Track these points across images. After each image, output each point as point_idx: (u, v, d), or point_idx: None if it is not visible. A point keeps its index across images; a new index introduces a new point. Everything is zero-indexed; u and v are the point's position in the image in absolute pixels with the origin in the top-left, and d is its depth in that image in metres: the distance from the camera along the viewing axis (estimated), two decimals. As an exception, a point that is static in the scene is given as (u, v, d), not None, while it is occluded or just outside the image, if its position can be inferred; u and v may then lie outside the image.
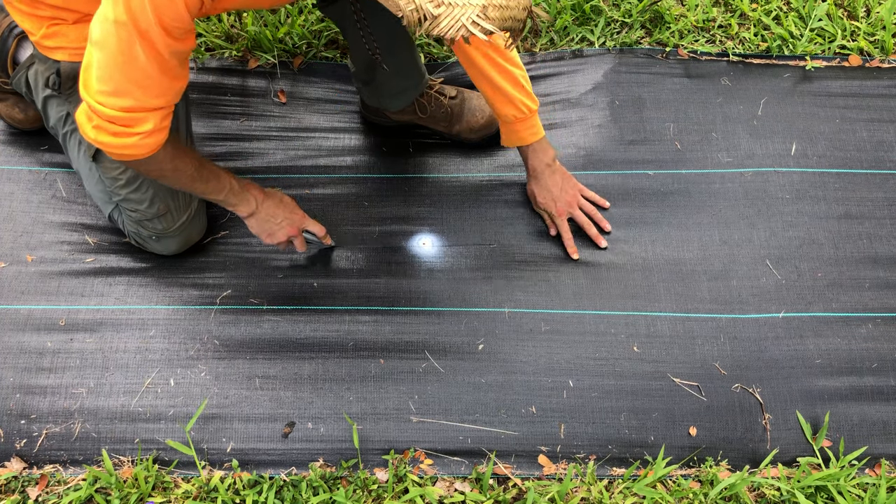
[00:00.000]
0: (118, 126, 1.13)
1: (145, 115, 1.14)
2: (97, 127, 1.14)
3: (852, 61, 1.79)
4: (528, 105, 1.47)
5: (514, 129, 1.50)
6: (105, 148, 1.17)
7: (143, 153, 1.18)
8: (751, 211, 1.60)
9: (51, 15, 1.28)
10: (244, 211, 1.41)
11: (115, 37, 1.04)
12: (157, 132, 1.17)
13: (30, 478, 1.36)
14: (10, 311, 1.48)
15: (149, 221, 1.43)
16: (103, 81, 1.09)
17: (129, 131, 1.14)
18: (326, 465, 1.38)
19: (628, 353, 1.46)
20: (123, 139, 1.14)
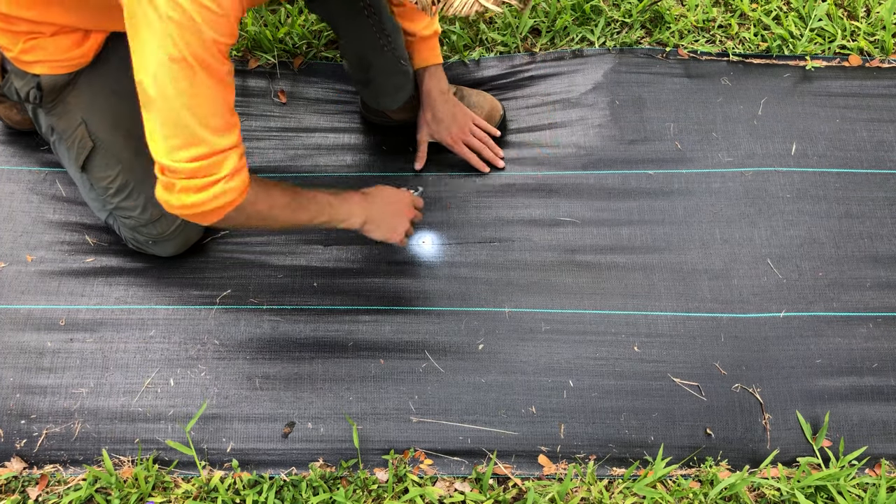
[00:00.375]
0: (200, 179, 1.09)
1: (223, 157, 1.10)
2: (181, 190, 1.10)
3: (852, 61, 1.79)
4: (433, 27, 1.50)
5: (416, 47, 1.52)
6: (198, 210, 1.12)
7: (234, 199, 1.14)
8: (751, 210, 1.60)
9: (28, 29, 1.24)
10: (357, 222, 1.35)
11: (173, 79, 1.01)
12: (238, 172, 1.13)
13: (30, 478, 1.36)
14: (9, 311, 1.48)
15: (143, 227, 1.43)
16: (171, 137, 1.05)
17: (212, 179, 1.10)
18: (326, 465, 1.38)
19: (628, 353, 1.46)
20: (210, 190, 1.10)
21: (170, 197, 1.12)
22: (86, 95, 1.32)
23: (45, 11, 1.21)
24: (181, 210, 1.13)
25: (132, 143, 1.37)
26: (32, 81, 1.29)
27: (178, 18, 0.96)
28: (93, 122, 1.33)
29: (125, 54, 1.32)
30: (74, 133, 1.34)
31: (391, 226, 1.40)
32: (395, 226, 1.40)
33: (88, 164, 1.37)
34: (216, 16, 0.98)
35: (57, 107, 1.32)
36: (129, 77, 1.31)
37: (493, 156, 1.63)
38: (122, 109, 1.35)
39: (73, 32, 1.27)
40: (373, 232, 1.38)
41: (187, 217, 1.15)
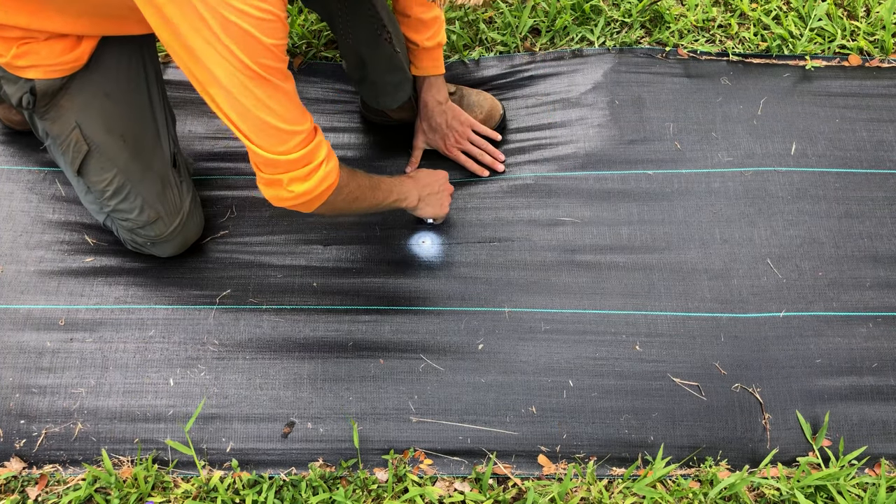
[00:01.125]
0: (304, 167, 1.17)
1: (316, 143, 1.17)
2: (291, 182, 1.17)
3: (852, 61, 1.79)
4: (436, 38, 1.52)
5: (418, 56, 1.54)
6: (309, 197, 1.20)
7: (335, 179, 1.22)
8: (751, 210, 1.60)
9: (20, 35, 1.23)
10: (413, 200, 1.45)
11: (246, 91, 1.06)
12: (331, 154, 1.22)
13: (29, 478, 1.36)
14: (9, 311, 1.48)
15: (141, 229, 1.43)
16: (265, 139, 1.12)
17: (315, 164, 1.18)
18: (326, 464, 1.38)
19: (628, 353, 1.46)
20: (316, 175, 1.18)
21: (279, 191, 1.19)
22: (79, 99, 1.31)
23: (37, 18, 1.20)
24: (294, 201, 1.20)
25: (127, 146, 1.37)
26: (25, 86, 1.29)
27: (237, 34, 0.99)
28: (87, 125, 1.33)
29: (118, 58, 1.33)
30: (69, 137, 1.33)
31: (439, 202, 1.50)
32: (441, 202, 1.50)
33: (84, 168, 1.37)
34: (269, 22, 1.01)
35: (51, 111, 1.31)
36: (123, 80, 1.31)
37: (492, 160, 1.63)
38: (115, 113, 1.34)
39: (66, 37, 1.26)
40: (424, 209, 1.48)
41: (296, 207, 1.22)
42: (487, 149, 1.64)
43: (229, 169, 1.66)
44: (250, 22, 0.99)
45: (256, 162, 1.17)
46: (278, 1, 1.02)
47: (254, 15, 0.99)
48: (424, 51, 1.52)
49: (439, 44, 1.53)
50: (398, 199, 1.42)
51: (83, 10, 1.20)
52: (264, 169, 1.17)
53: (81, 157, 1.35)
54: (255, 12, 0.99)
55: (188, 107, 1.73)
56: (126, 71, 1.34)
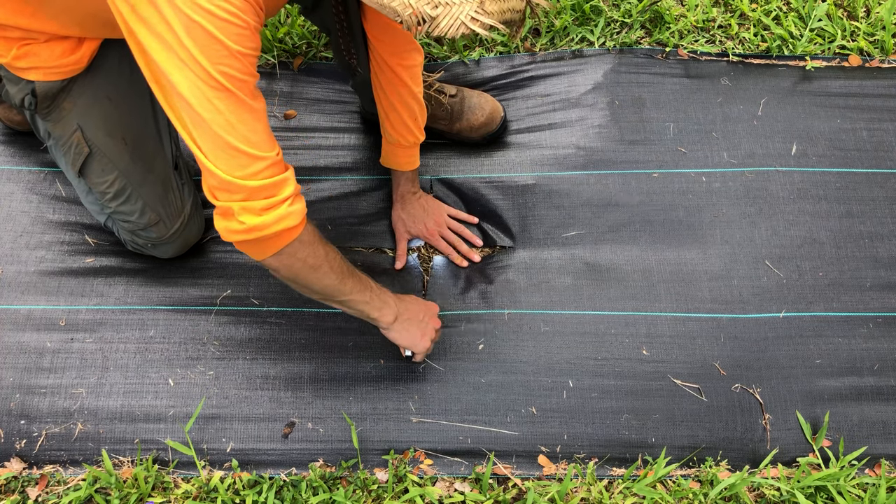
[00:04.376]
0: (260, 199, 1.04)
1: (283, 178, 1.05)
2: (242, 211, 1.04)
3: (852, 61, 1.79)
4: (416, 136, 1.47)
5: (395, 153, 1.51)
6: (260, 233, 1.06)
7: (295, 224, 1.08)
8: (752, 210, 1.60)
9: (20, 36, 1.23)
10: (389, 317, 1.28)
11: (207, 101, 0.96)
12: (298, 196, 1.09)
13: (30, 478, 1.36)
14: (9, 311, 1.48)
15: (142, 231, 1.43)
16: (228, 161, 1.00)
17: (276, 199, 1.05)
18: (326, 465, 1.38)
19: (628, 354, 1.46)
20: (274, 212, 1.05)
21: (229, 223, 1.06)
22: (81, 102, 1.31)
23: (37, 20, 1.20)
24: (243, 235, 1.06)
25: (128, 149, 1.37)
26: (27, 88, 1.29)
27: (200, 36, 0.91)
28: (88, 128, 1.33)
29: (120, 61, 1.32)
30: (70, 139, 1.33)
31: (419, 332, 1.34)
32: (422, 332, 1.34)
33: (85, 170, 1.37)
34: (237, 27, 0.93)
35: (52, 113, 1.31)
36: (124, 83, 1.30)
37: (468, 249, 1.57)
38: (117, 115, 1.35)
39: (67, 39, 1.26)
40: (400, 333, 1.32)
41: (246, 245, 1.09)
42: (465, 234, 1.59)
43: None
44: (216, 24, 0.91)
45: (212, 187, 1.04)
46: (250, 10, 0.95)
47: (220, 16, 0.91)
48: (402, 148, 1.49)
49: (416, 142, 1.48)
50: (370, 305, 1.26)
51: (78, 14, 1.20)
52: (219, 195, 1.04)
53: (83, 158, 1.35)
54: (221, 13, 0.91)
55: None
56: (128, 74, 1.34)
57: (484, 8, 0.86)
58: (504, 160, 1.67)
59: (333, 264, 1.19)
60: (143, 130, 1.39)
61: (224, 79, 0.95)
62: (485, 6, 0.86)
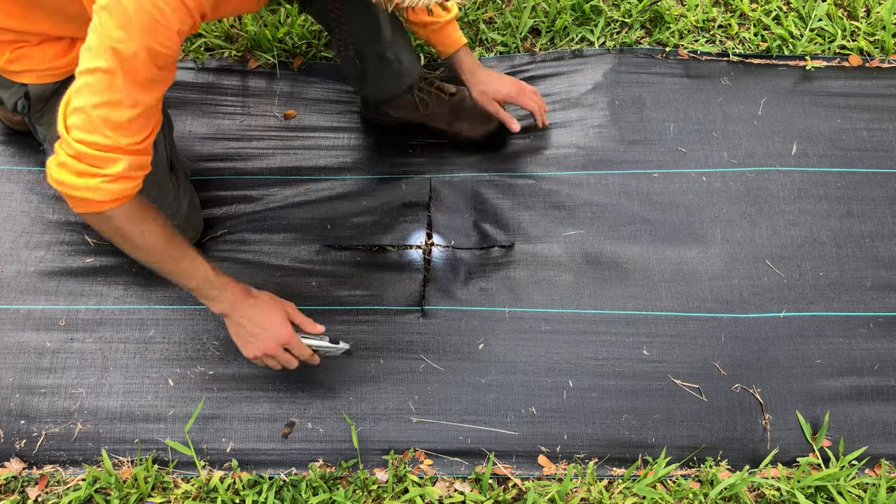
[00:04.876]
0: (84, 164, 1.04)
1: (116, 157, 1.05)
2: (61, 164, 1.05)
3: (852, 61, 1.79)
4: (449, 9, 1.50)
5: (449, 32, 1.52)
6: (65, 191, 1.06)
7: (102, 200, 1.07)
8: (752, 210, 1.60)
9: (13, 39, 1.23)
10: (219, 308, 1.26)
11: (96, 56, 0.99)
12: (124, 178, 1.07)
13: (29, 478, 1.36)
14: (9, 311, 1.48)
15: None
16: (77, 112, 1.02)
17: (95, 171, 1.04)
18: (326, 465, 1.37)
19: (629, 353, 1.46)
20: (86, 179, 1.04)
21: (51, 165, 1.06)
22: None
23: (29, 21, 1.20)
24: (54, 183, 1.07)
25: None
26: (20, 91, 1.29)
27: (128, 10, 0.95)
28: None
29: None
30: None
31: (243, 339, 1.28)
32: (246, 342, 1.27)
33: None
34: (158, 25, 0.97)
35: (45, 115, 1.31)
36: None
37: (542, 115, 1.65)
38: None
39: (59, 41, 1.26)
40: (230, 329, 1.28)
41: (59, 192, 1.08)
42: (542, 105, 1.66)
43: (229, 169, 1.66)
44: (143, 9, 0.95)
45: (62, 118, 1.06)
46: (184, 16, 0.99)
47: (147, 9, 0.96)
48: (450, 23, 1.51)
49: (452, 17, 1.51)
50: (199, 291, 1.23)
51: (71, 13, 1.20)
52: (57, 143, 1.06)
53: None
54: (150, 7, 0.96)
55: (188, 107, 1.73)
56: None
57: None
58: (504, 160, 1.66)
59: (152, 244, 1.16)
60: None
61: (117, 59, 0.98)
62: None
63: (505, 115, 1.60)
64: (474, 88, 1.59)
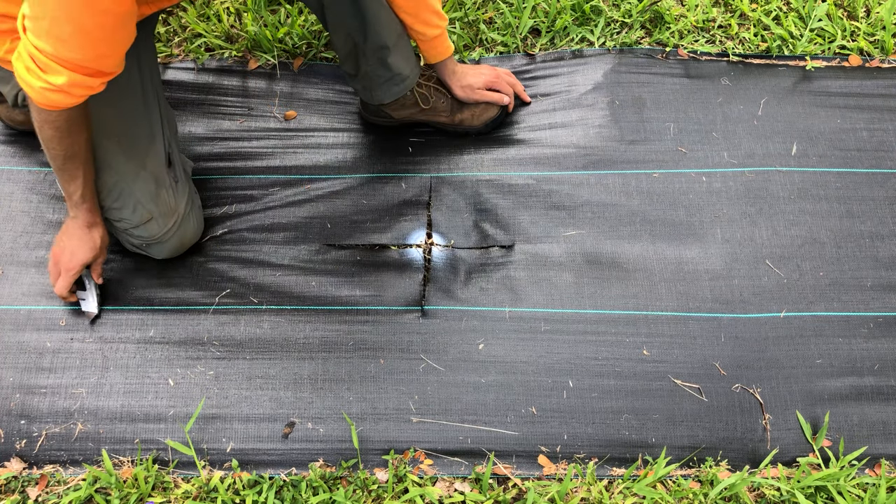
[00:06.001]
0: (33, 64, 1.11)
1: (60, 69, 1.11)
2: (17, 56, 1.14)
3: (852, 61, 1.79)
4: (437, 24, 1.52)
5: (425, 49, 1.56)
6: (17, 76, 1.15)
7: (36, 100, 1.16)
8: (752, 210, 1.60)
9: (12, 27, 1.24)
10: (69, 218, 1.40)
11: None
12: (63, 93, 1.14)
13: (30, 478, 1.36)
14: (9, 311, 1.48)
15: (135, 229, 1.43)
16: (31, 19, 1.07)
17: (39, 74, 1.12)
18: (326, 465, 1.38)
19: (629, 354, 1.46)
20: (31, 77, 1.13)
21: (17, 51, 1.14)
22: None
23: None
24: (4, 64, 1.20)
25: (121, 146, 1.37)
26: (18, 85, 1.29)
27: None
28: None
29: None
30: None
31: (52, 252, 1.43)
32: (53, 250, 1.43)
33: None
34: None
35: None
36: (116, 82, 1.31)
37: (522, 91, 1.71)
38: (109, 114, 1.35)
39: None
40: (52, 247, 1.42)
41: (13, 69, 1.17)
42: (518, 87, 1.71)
43: (229, 169, 1.66)
44: None
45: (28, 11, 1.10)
46: None
47: None
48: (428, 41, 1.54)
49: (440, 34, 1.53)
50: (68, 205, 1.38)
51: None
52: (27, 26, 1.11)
53: None
54: None
55: (188, 107, 1.73)
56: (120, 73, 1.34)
57: None
58: (504, 160, 1.67)
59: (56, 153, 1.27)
60: (135, 129, 1.39)
61: None
62: None
63: (494, 96, 1.65)
64: (455, 87, 1.63)
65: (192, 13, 1.83)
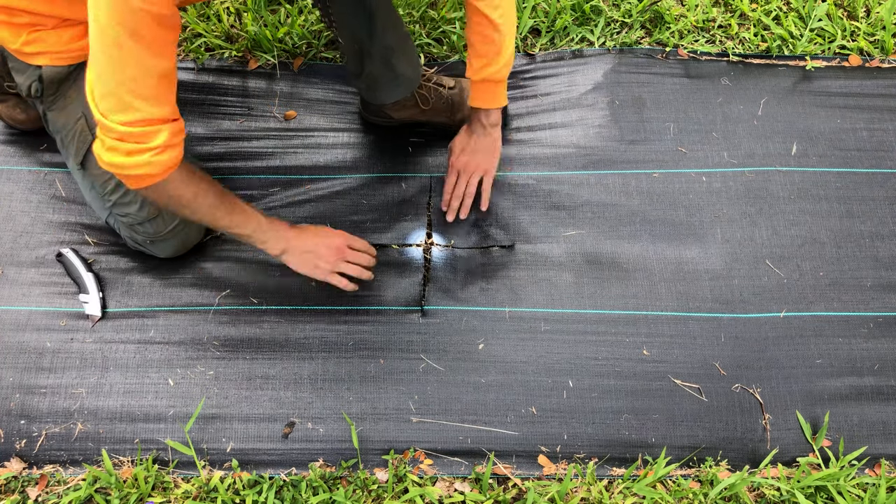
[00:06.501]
0: (130, 143, 1.11)
1: (157, 128, 1.11)
2: (110, 149, 1.12)
3: (852, 61, 1.79)
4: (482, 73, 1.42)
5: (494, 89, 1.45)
6: (120, 172, 1.14)
7: (157, 172, 1.15)
8: (752, 210, 1.60)
9: (29, 21, 1.26)
10: (276, 248, 1.36)
11: (102, 42, 1.03)
12: (170, 147, 1.14)
13: (30, 478, 1.36)
14: (10, 312, 1.48)
15: (140, 226, 1.43)
16: (106, 97, 1.07)
17: (142, 146, 1.11)
18: (326, 465, 1.38)
19: (629, 354, 1.46)
20: (137, 157, 1.12)
21: (101, 151, 1.14)
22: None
23: (46, 3, 1.22)
24: (109, 167, 1.15)
25: None
26: (34, 74, 1.31)
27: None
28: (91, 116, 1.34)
29: None
30: (75, 127, 1.35)
31: (312, 262, 1.39)
32: (317, 263, 1.39)
33: (87, 161, 1.38)
34: None
35: (58, 101, 1.34)
36: None
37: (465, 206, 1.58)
38: None
39: (75, 25, 1.28)
40: (291, 263, 1.38)
41: (117, 175, 1.17)
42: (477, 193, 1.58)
43: (229, 169, 1.66)
44: None
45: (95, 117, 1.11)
46: None
47: None
48: (473, 84, 1.46)
49: (484, 79, 1.43)
50: (254, 237, 1.34)
51: None
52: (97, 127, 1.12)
53: (86, 147, 1.36)
54: None
55: (188, 107, 1.73)
56: None
57: None
58: (504, 159, 1.66)
59: (206, 201, 1.25)
60: None
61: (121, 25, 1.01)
62: None
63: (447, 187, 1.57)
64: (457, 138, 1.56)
65: (192, 13, 1.83)
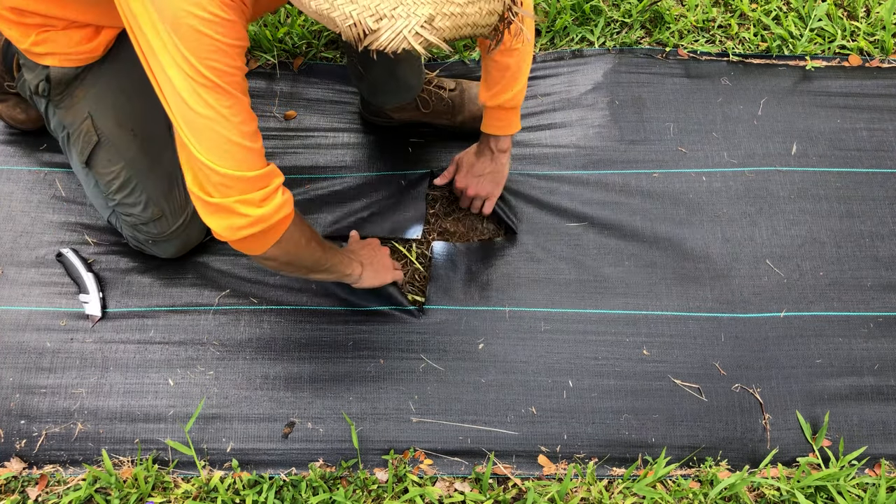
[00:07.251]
0: (261, 189, 1.06)
1: (273, 168, 1.09)
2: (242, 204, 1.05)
3: (852, 61, 1.79)
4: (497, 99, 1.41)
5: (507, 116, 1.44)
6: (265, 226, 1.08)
7: (291, 211, 1.13)
8: (752, 209, 1.60)
9: (39, 23, 1.25)
10: (358, 269, 1.40)
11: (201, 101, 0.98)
12: (282, 184, 1.12)
13: (29, 478, 1.36)
14: (10, 312, 1.48)
15: (143, 226, 1.43)
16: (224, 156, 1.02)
17: (272, 188, 1.08)
18: (326, 465, 1.38)
19: (628, 354, 1.46)
20: (274, 201, 1.08)
21: (231, 219, 1.07)
22: (93, 90, 1.33)
23: (58, 6, 1.22)
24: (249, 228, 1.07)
25: (137, 140, 1.38)
26: (42, 73, 1.31)
27: (188, 34, 0.94)
28: (99, 116, 1.35)
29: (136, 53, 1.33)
30: (80, 126, 1.35)
31: (382, 270, 1.45)
32: (383, 273, 1.45)
33: (92, 159, 1.38)
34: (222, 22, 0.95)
35: (65, 100, 1.34)
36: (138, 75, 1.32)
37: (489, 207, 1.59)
38: (128, 107, 1.36)
39: (85, 27, 1.28)
40: (368, 281, 1.42)
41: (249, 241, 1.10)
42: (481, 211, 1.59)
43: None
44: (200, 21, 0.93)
45: (208, 184, 1.04)
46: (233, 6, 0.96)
47: (203, 17, 0.93)
48: (488, 110, 1.45)
49: (500, 106, 1.41)
50: (345, 265, 1.36)
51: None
52: (214, 192, 1.05)
53: (91, 147, 1.36)
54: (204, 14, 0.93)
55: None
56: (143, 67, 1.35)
57: (434, 24, 0.82)
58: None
59: (316, 237, 1.27)
60: (153, 124, 1.39)
61: (213, 74, 0.97)
62: (435, 22, 0.82)
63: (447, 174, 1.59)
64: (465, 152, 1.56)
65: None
